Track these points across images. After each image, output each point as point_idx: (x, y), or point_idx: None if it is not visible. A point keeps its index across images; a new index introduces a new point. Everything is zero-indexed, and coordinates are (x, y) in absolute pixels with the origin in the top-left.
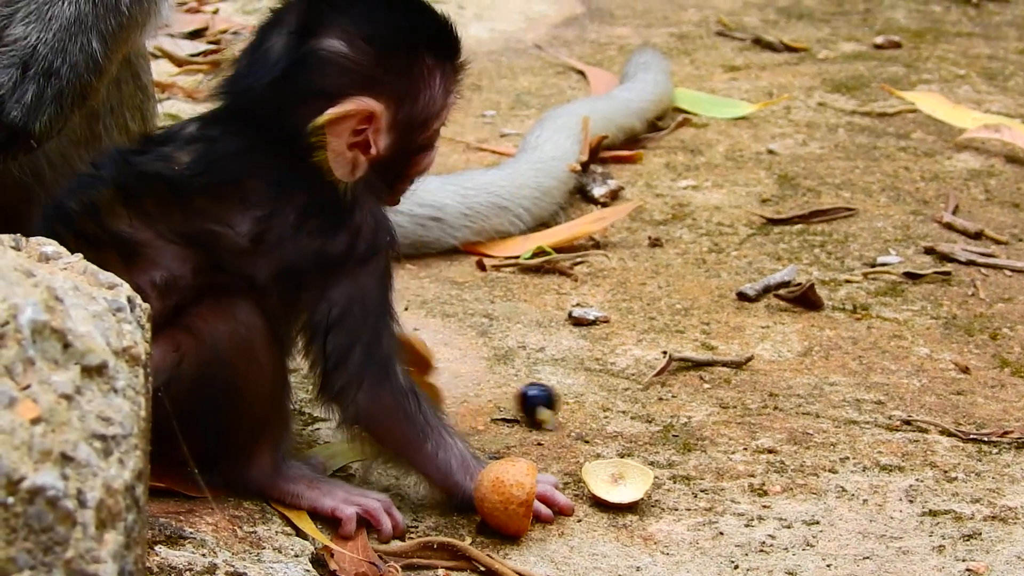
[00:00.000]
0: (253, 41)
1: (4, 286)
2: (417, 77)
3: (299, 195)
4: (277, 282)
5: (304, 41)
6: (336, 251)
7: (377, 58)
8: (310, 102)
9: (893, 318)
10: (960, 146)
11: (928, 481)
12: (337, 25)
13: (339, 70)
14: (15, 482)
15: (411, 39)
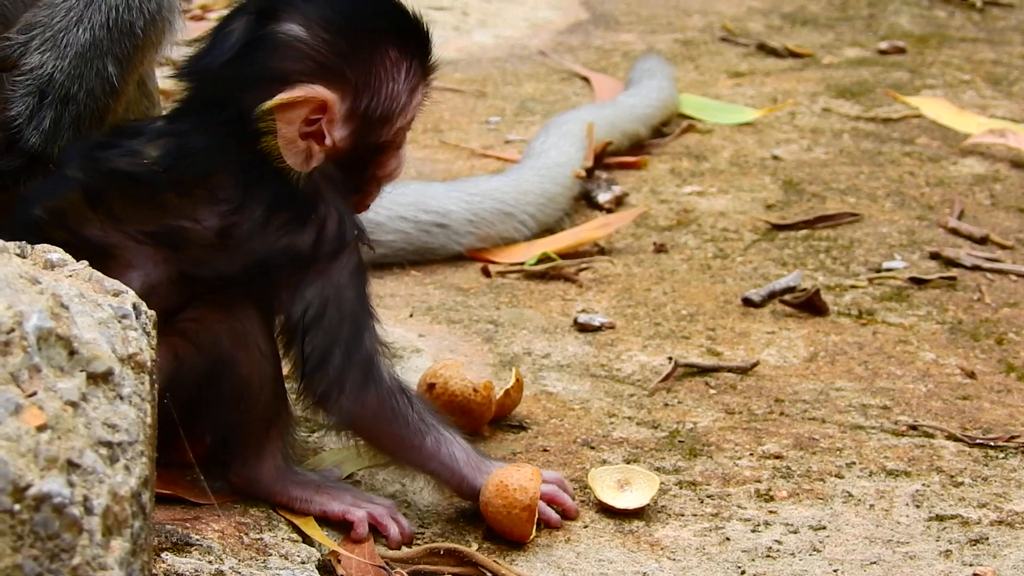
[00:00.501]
0: (216, 24)
1: (10, 293)
2: (378, 69)
3: (266, 190)
4: (247, 278)
5: (263, 24)
6: (303, 246)
7: (334, 46)
8: (262, 86)
9: (899, 323)
10: (965, 151)
11: (935, 486)
12: (299, 10)
13: (293, 55)
14: (21, 489)
15: (374, 30)
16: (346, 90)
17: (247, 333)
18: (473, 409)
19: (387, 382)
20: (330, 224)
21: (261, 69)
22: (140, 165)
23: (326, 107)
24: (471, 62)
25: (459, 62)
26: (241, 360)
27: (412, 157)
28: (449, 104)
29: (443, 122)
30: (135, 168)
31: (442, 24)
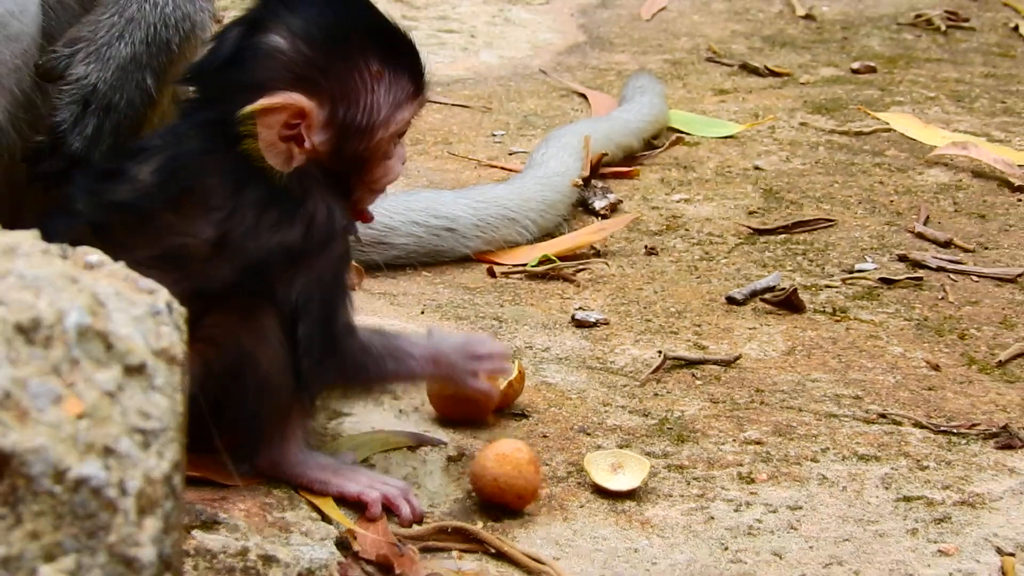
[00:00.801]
0: (219, 32)
1: (51, 291)
2: (355, 81)
3: (254, 190)
4: (246, 281)
5: (251, 35)
6: (294, 241)
7: (313, 58)
8: (244, 92)
9: (869, 320)
10: (931, 162)
11: (902, 470)
12: (283, 23)
13: (273, 65)
14: (61, 472)
15: (354, 44)
16: (323, 99)
17: (264, 328)
18: (478, 399)
19: (355, 348)
20: (319, 217)
21: (245, 77)
22: (136, 191)
23: (304, 114)
24: (478, 80)
25: (467, 80)
26: (261, 355)
27: (423, 167)
28: (457, 119)
29: (452, 135)
30: (132, 196)
31: (451, 45)
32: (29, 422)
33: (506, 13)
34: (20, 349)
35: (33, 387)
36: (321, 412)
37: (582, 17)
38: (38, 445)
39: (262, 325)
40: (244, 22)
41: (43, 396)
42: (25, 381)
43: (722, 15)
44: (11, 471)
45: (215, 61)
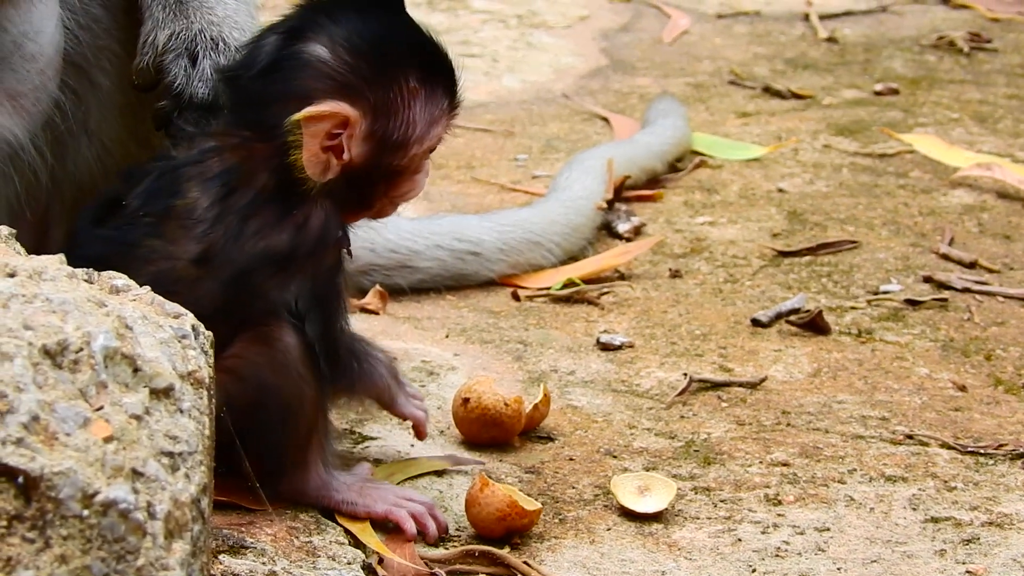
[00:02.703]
0: (253, 37)
1: (78, 316)
2: (396, 94)
3: (239, 197)
4: (233, 295)
5: (291, 43)
6: (280, 247)
7: (356, 68)
8: (286, 100)
9: (895, 341)
10: (955, 183)
11: (930, 490)
12: (325, 32)
13: (317, 74)
14: (90, 496)
15: (395, 57)
16: (366, 110)
17: (286, 360)
18: (504, 422)
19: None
20: (312, 224)
21: (287, 86)
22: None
23: (348, 123)
24: (500, 104)
25: (489, 104)
26: (282, 386)
27: (447, 191)
28: (480, 143)
29: (475, 159)
30: (118, 226)
31: (474, 70)
32: (57, 446)
33: (528, 37)
34: (47, 373)
35: (61, 411)
36: (346, 436)
37: (604, 41)
38: (66, 468)
39: (285, 358)
40: (282, 30)
41: (71, 420)
42: (53, 405)
43: (744, 38)
44: (39, 495)
45: (253, 68)
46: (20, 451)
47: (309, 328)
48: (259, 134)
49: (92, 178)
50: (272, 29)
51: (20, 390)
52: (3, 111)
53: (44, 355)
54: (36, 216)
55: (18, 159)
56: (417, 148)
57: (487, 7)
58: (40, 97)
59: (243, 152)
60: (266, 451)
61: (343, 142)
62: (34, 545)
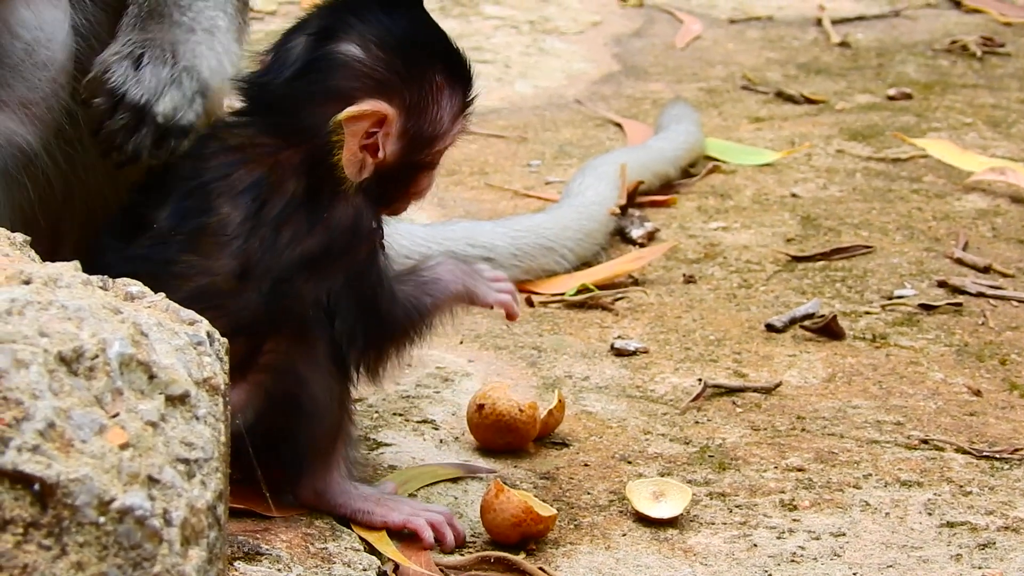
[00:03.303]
0: (277, 42)
1: (94, 323)
2: (427, 90)
3: (271, 208)
4: (273, 304)
5: (322, 44)
6: (314, 249)
7: (390, 65)
8: (323, 101)
9: (910, 346)
10: (968, 188)
11: (945, 495)
12: (355, 31)
13: (353, 73)
14: (106, 503)
15: (424, 54)
16: (401, 106)
17: (318, 356)
18: (519, 427)
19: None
20: (342, 224)
21: (324, 86)
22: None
23: (384, 121)
24: (513, 110)
25: (502, 110)
26: (314, 381)
27: (460, 197)
28: (493, 149)
29: (488, 165)
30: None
31: (486, 76)
32: (73, 453)
33: (540, 43)
34: (63, 380)
35: (76, 417)
36: (361, 443)
37: (616, 46)
38: (82, 475)
39: (317, 353)
40: (310, 31)
41: (86, 426)
42: (68, 412)
43: (756, 43)
44: (56, 502)
45: (284, 71)
46: (36, 458)
47: (346, 319)
48: (289, 139)
49: (104, 186)
50: (297, 31)
51: (36, 397)
52: (16, 119)
53: (60, 362)
54: (50, 223)
55: (32, 166)
56: (442, 144)
57: (499, 13)
58: (52, 105)
59: (270, 161)
60: (292, 449)
61: (378, 140)
62: (50, 552)
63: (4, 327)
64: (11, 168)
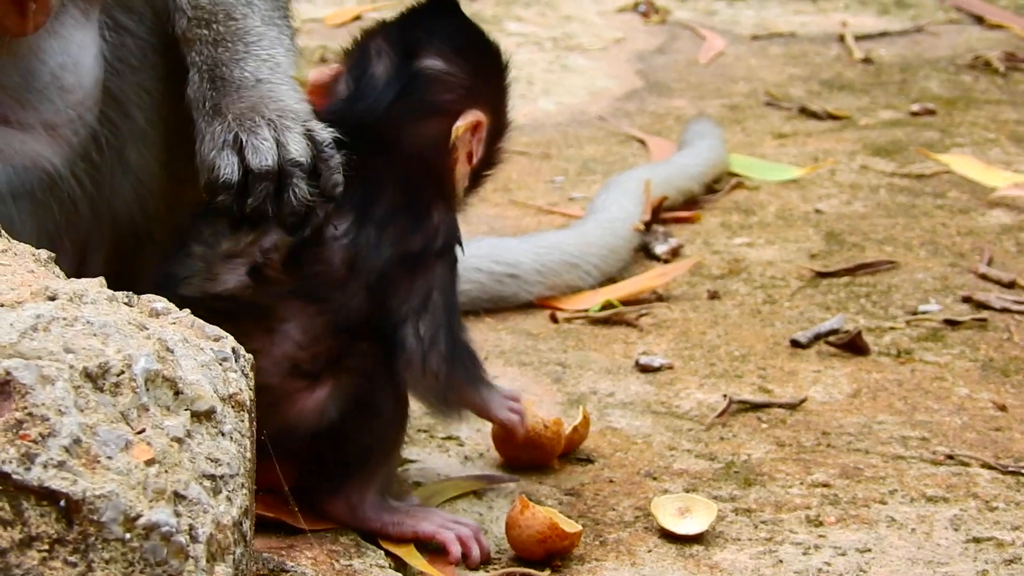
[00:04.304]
0: (352, 69)
1: (119, 338)
2: (500, 90)
3: (374, 210)
4: (373, 295)
5: (408, 62)
6: (415, 249)
7: (471, 72)
8: (427, 117)
9: (935, 361)
10: (992, 203)
11: (971, 511)
12: (431, 46)
13: (446, 86)
14: (132, 519)
15: (486, 53)
16: (487, 110)
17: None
18: (544, 443)
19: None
20: (442, 228)
21: (427, 104)
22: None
23: (479, 126)
24: (536, 127)
25: (525, 127)
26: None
27: (484, 214)
28: (517, 166)
29: (512, 182)
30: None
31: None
32: (99, 469)
33: (563, 60)
34: (89, 396)
35: (102, 434)
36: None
37: (639, 63)
38: (108, 492)
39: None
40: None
41: (112, 443)
42: (94, 428)
43: (779, 59)
44: (81, 518)
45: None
46: (62, 474)
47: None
48: (387, 155)
49: (129, 210)
50: (367, 58)
51: (61, 413)
52: (41, 141)
53: (85, 378)
54: (75, 246)
55: (56, 188)
56: (507, 137)
57: (522, 30)
58: (77, 128)
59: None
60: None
61: (472, 146)
62: (76, 569)
63: (30, 343)
64: (37, 190)
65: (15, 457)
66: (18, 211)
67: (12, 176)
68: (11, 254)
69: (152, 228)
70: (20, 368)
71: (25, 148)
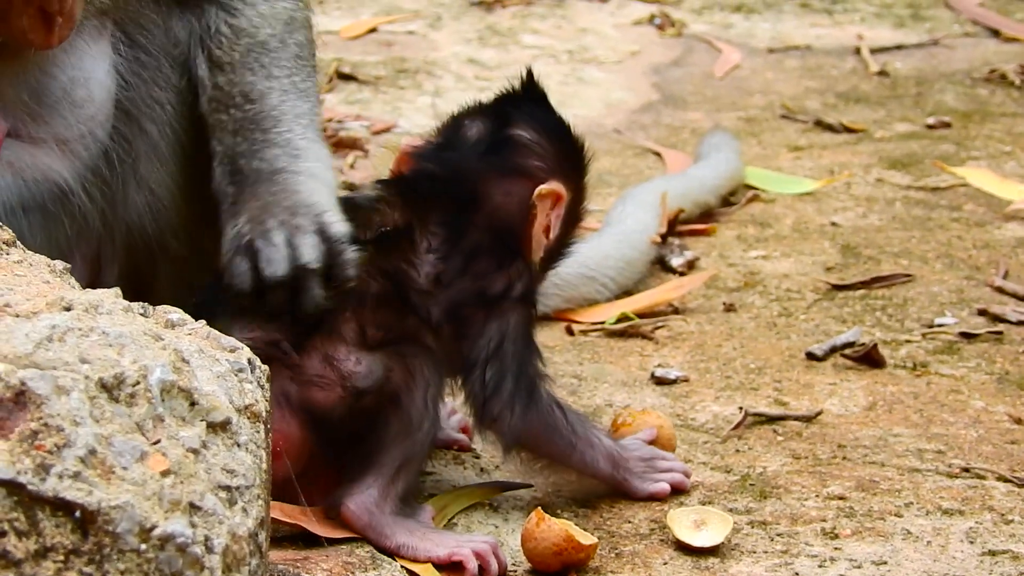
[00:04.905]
0: (448, 125)
1: (135, 349)
2: (581, 177)
3: (463, 243)
4: (447, 318)
5: (500, 129)
6: (494, 291)
7: (561, 152)
8: (514, 176)
9: (950, 374)
10: (1008, 216)
11: (987, 523)
12: (526, 120)
13: (534, 155)
14: (147, 530)
15: (576, 146)
16: (568, 188)
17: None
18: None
19: (546, 401)
20: (523, 279)
21: (513, 164)
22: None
23: (559, 201)
24: None
25: None
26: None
27: None
28: None
29: None
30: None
31: None
32: (114, 479)
33: (579, 73)
34: (104, 406)
35: (117, 444)
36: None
37: (655, 76)
38: (123, 502)
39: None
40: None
41: (128, 453)
42: (109, 438)
43: (795, 72)
44: (96, 528)
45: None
46: (77, 485)
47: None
48: (473, 204)
49: (143, 223)
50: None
51: (77, 424)
52: (52, 155)
53: (101, 389)
54: (87, 259)
55: (67, 202)
56: (579, 232)
57: (538, 43)
58: (89, 143)
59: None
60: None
61: (551, 219)
62: None
63: (45, 354)
64: (48, 204)
65: (30, 468)
66: (29, 225)
67: (23, 190)
68: (27, 265)
69: (166, 241)
70: (35, 378)
71: (36, 162)
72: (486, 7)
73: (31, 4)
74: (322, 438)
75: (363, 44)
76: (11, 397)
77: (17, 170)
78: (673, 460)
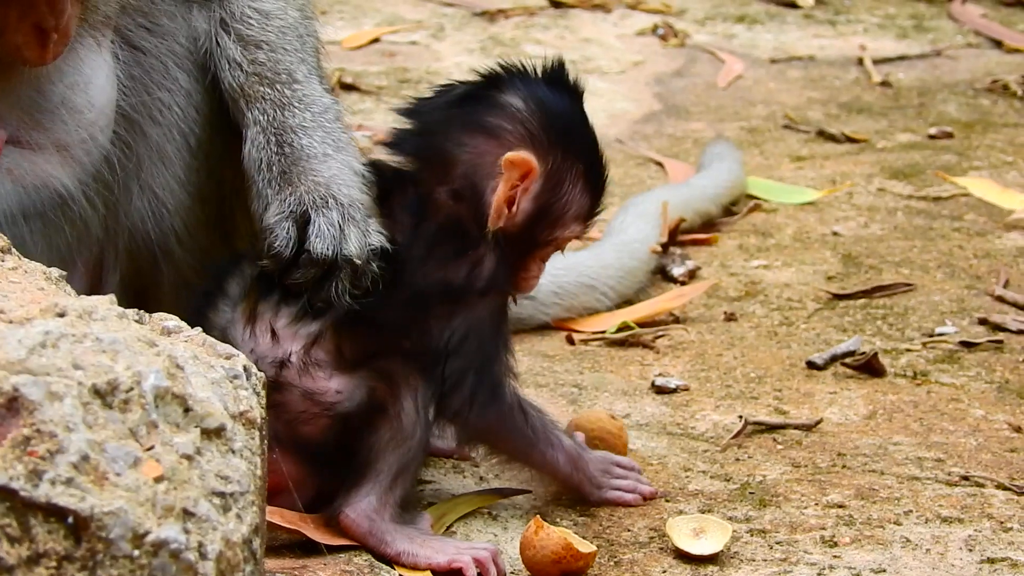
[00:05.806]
0: (448, 83)
1: (129, 355)
2: (568, 169)
3: (425, 227)
4: (410, 311)
5: (487, 88)
6: (457, 280)
7: (545, 127)
8: (473, 131)
9: (950, 383)
10: (1009, 226)
11: (986, 531)
12: (521, 89)
13: (510, 119)
14: (140, 536)
15: (575, 138)
16: (543, 170)
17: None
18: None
19: (508, 401)
20: (486, 267)
21: (477, 117)
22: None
23: (528, 175)
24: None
25: None
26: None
27: None
28: None
29: None
30: None
31: None
32: (107, 485)
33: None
34: (98, 412)
35: (111, 450)
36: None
37: (658, 86)
38: (116, 508)
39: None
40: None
41: (121, 459)
42: (103, 444)
43: (798, 82)
44: (89, 535)
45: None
46: (70, 491)
47: (457, 361)
48: (436, 165)
49: (146, 228)
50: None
51: (70, 430)
52: (52, 161)
53: (94, 395)
54: (88, 265)
55: (68, 208)
56: (560, 231)
57: (541, 53)
58: (89, 149)
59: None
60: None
61: (517, 194)
62: None
63: (38, 360)
64: (48, 210)
65: (23, 474)
66: (29, 231)
67: (23, 196)
68: (22, 272)
69: (170, 246)
70: (28, 384)
71: (36, 168)
72: (489, 17)
73: (26, 21)
74: (321, 467)
75: (365, 54)
76: (4, 403)
77: (17, 177)
78: (632, 472)
